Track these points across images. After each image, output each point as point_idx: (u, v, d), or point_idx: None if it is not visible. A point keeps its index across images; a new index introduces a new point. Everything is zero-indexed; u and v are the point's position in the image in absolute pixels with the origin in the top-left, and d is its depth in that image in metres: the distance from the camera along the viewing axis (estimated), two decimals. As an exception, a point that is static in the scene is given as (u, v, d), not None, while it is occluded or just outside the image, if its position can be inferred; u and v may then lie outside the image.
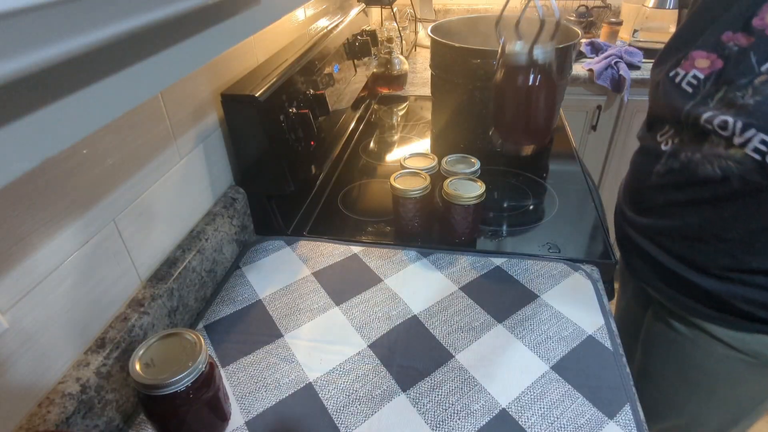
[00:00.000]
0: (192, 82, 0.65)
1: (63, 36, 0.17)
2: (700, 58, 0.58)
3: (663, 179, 0.64)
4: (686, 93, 0.59)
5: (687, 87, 0.59)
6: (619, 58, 1.56)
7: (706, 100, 0.56)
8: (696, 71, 0.58)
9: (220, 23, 0.30)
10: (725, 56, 0.55)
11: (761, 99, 0.51)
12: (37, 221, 0.42)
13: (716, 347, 0.66)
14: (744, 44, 0.53)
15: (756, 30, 0.53)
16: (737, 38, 0.54)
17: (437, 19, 1.82)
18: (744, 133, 0.52)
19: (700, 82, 0.57)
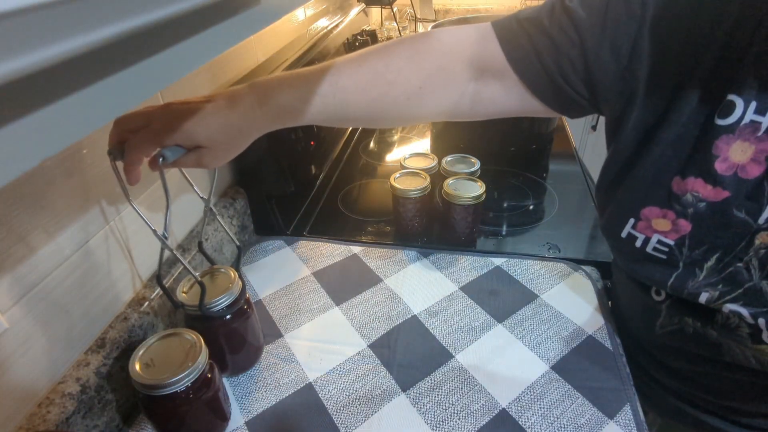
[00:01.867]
0: (192, 82, 0.65)
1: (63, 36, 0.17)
2: (655, 217, 0.43)
3: (675, 342, 0.49)
4: (660, 260, 0.44)
5: (658, 254, 0.44)
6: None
7: (693, 269, 0.43)
8: (659, 236, 0.43)
9: (220, 23, 0.30)
10: (689, 215, 0.41)
11: None
12: (37, 221, 0.42)
13: None
14: (715, 199, 0.39)
15: (725, 178, 0.38)
16: (698, 190, 0.40)
17: (437, 19, 1.82)
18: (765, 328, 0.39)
19: (672, 249, 0.43)
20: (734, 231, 0.39)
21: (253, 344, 0.55)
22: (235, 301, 0.51)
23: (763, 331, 0.40)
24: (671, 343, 0.50)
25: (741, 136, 0.37)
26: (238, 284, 0.52)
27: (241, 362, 0.55)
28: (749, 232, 0.38)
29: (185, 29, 0.27)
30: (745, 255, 0.39)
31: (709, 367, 0.48)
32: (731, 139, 0.37)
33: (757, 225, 0.38)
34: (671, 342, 0.50)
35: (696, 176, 0.39)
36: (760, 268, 0.38)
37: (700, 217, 0.40)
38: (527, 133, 1.01)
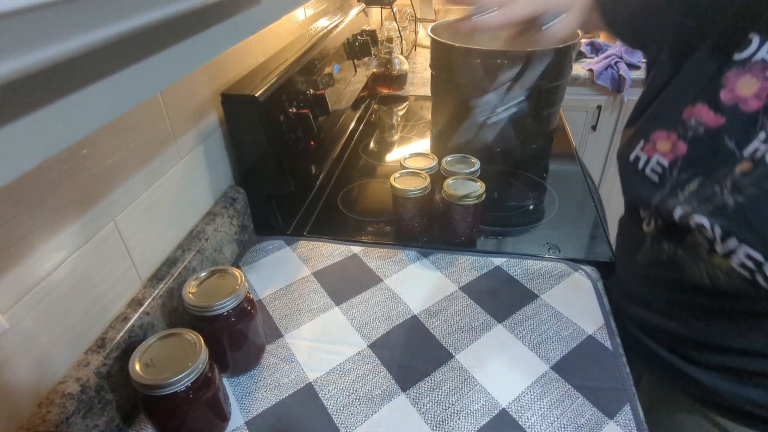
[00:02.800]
0: (192, 82, 0.65)
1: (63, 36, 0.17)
2: (660, 139, 0.48)
3: (650, 270, 0.55)
4: (652, 182, 0.49)
5: (652, 175, 0.49)
6: (619, 57, 1.56)
7: (676, 191, 0.47)
8: (659, 156, 0.48)
9: (220, 23, 0.30)
10: (688, 138, 0.46)
11: (744, 201, 0.41)
12: (37, 221, 0.42)
13: None
14: (713, 125, 0.43)
15: (726, 107, 0.42)
16: (701, 115, 0.44)
17: (437, 19, 1.82)
18: (726, 242, 0.42)
19: (665, 170, 0.48)
20: (720, 158, 0.43)
21: (255, 345, 0.55)
22: (241, 303, 0.51)
23: (716, 240, 0.43)
24: (647, 272, 0.56)
25: (750, 71, 0.41)
26: (244, 286, 0.52)
27: (243, 363, 0.55)
28: (733, 162, 0.42)
29: (185, 29, 0.27)
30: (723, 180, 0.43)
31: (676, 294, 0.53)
32: (741, 72, 0.41)
33: (741, 155, 0.42)
34: (647, 271, 0.56)
35: (703, 103, 0.44)
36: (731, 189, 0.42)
37: (697, 141, 0.45)
38: (527, 133, 1.01)
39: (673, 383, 0.59)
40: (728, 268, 0.43)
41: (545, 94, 0.96)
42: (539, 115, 0.99)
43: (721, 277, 0.45)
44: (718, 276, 0.45)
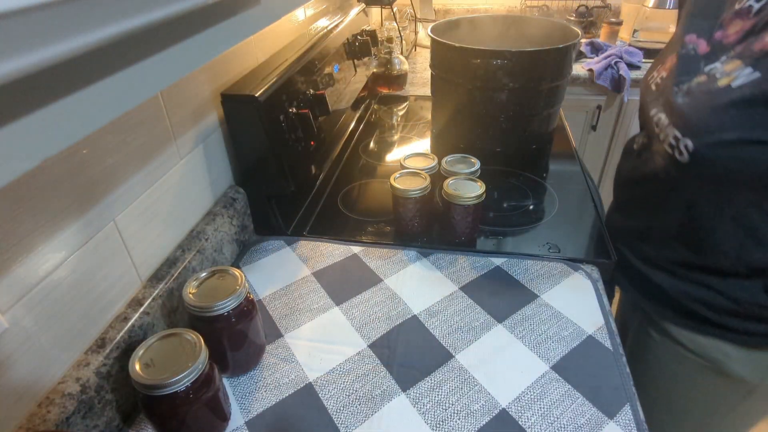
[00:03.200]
0: (192, 82, 0.65)
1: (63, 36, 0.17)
2: (669, 60, 0.61)
3: (625, 177, 0.70)
4: (651, 92, 0.62)
5: (653, 86, 0.62)
6: (619, 58, 1.56)
7: (659, 99, 0.59)
8: (663, 72, 0.61)
9: (220, 23, 0.30)
10: (681, 54, 0.58)
11: (688, 100, 0.52)
12: (37, 221, 0.42)
13: (677, 349, 0.67)
14: (701, 52, 0.56)
15: (715, 41, 0.54)
16: (698, 43, 0.57)
17: (437, 19, 1.82)
18: (666, 129, 0.55)
19: (662, 80, 0.60)
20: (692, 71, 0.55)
21: (255, 345, 0.55)
22: (241, 303, 0.51)
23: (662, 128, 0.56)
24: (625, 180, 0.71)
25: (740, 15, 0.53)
26: (245, 286, 0.52)
27: (243, 363, 0.55)
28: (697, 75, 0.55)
29: (185, 29, 0.27)
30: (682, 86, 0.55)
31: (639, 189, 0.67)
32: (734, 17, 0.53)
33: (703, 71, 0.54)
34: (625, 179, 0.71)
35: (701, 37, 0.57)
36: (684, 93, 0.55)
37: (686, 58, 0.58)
38: (527, 133, 1.01)
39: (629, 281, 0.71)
40: (662, 150, 0.57)
41: (545, 94, 0.96)
42: (539, 115, 0.99)
43: (658, 160, 0.59)
44: (657, 159, 0.59)
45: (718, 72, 0.51)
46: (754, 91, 0.46)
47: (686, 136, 0.52)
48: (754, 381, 0.63)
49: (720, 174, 0.51)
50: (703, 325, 0.62)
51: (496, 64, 0.90)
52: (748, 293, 0.57)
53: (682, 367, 0.68)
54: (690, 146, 0.51)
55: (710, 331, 0.62)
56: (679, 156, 0.53)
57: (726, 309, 0.60)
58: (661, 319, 0.68)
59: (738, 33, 0.52)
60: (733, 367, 0.62)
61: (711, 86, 0.51)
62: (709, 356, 0.64)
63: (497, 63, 0.90)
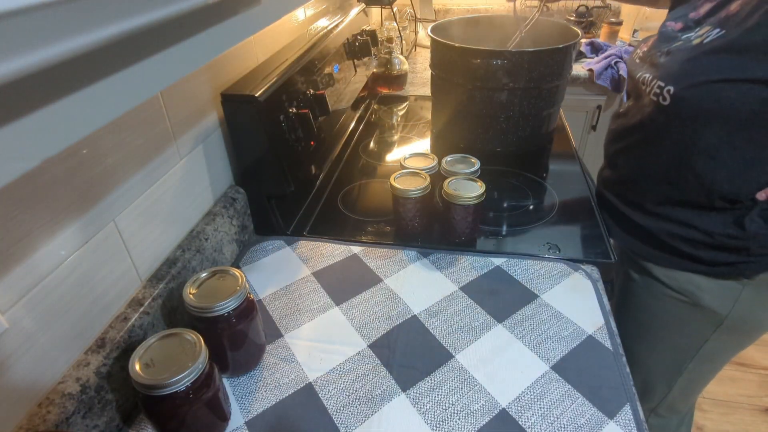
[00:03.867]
0: (192, 82, 0.65)
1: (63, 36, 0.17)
2: (652, 40, 0.74)
3: (613, 134, 0.80)
4: (636, 63, 0.74)
5: (637, 60, 0.74)
6: (619, 58, 1.56)
7: (644, 65, 0.71)
8: (645, 48, 0.74)
9: (220, 23, 0.30)
10: (661, 32, 0.72)
11: (669, 59, 0.65)
12: (37, 221, 0.42)
13: (657, 287, 0.76)
14: (677, 28, 0.69)
15: (688, 19, 0.68)
16: (675, 25, 0.70)
17: (437, 19, 1.82)
18: (651, 83, 0.66)
19: (645, 54, 0.73)
20: (670, 41, 0.68)
21: (255, 345, 0.55)
22: (241, 304, 0.51)
23: (647, 83, 0.67)
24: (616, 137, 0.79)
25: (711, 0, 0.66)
26: (245, 287, 0.52)
27: (243, 363, 0.55)
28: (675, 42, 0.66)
29: (185, 29, 0.27)
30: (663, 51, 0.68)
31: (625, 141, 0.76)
32: (704, 1, 0.68)
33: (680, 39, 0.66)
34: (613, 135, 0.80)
35: (677, 20, 0.70)
36: (665, 54, 0.67)
37: (664, 35, 0.71)
38: (527, 133, 1.01)
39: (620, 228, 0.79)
40: (649, 100, 0.67)
41: (545, 94, 0.96)
42: (539, 115, 0.99)
43: (645, 111, 0.69)
44: (644, 111, 0.69)
45: (693, 37, 0.64)
46: (721, 42, 0.59)
47: (669, 84, 0.63)
48: (723, 312, 0.72)
49: (696, 111, 0.62)
50: (679, 259, 0.72)
51: (496, 64, 0.90)
52: (720, 225, 0.66)
53: (660, 302, 0.77)
54: (671, 90, 0.62)
55: (685, 265, 0.71)
56: (663, 101, 0.64)
57: (700, 241, 0.69)
58: (643, 259, 0.77)
59: (707, 10, 0.66)
60: (704, 297, 0.72)
61: (687, 45, 0.64)
62: (683, 289, 0.73)
63: (497, 63, 0.90)
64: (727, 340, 0.76)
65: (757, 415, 1.43)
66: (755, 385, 1.52)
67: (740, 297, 0.70)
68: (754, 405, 1.46)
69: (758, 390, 1.50)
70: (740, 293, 0.70)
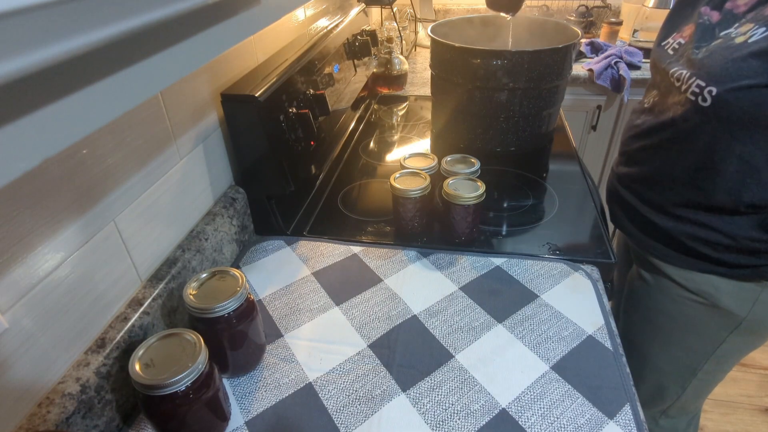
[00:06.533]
0: (192, 82, 0.65)
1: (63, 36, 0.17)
2: (687, 29, 0.69)
3: (639, 129, 0.75)
4: (668, 55, 0.70)
5: (670, 51, 0.70)
6: (619, 58, 1.56)
7: (678, 59, 0.68)
8: (681, 39, 0.70)
9: (220, 23, 0.30)
10: (698, 23, 0.67)
11: (707, 55, 0.62)
12: (37, 221, 0.42)
13: (673, 289, 0.74)
14: (714, 20, 0.65)
15: (726, 10, 0.64)
16: (712, 14, 0.66)
17: (437, 19, 1.82)
18: (688, 81, 0.63)
19: (681, 46, 0.69)
20: (708, 37, 0.64)
21: (255, 345, 0.55)
22: (242, 304, 0.51)
23: (684, 81, 0.64)
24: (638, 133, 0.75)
25: None
26: (245, 287, 0.52)
27: (243, 363, 0.55)
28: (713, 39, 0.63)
29: (185, 29, 0.27)
30: (702, 48, 0.64)
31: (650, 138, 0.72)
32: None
33: (719, 36, 0.63)
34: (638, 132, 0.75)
35: (714, 9, 0.65)
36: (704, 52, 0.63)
37: (702, 28, 0.66)
38: (527, 133, 1.01)
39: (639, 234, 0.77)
40: (684, 99, 0.64)
41: (545, 94, 0.96)
42: (539, 115, 0.99)
43: (679, 108, 0.65)
44: (678, 109, 0.66)
45: (733, 34, 0.60)
46: None
47: (710, 84, 0.59)
48: (741, 314, 0.71)
49: (737, 115, 0.59)
50: (700, 261, 0.70)
51: (496, 64, 0.90)
52: (744, 229, 0.65)
53: (675, 304, 0.75)
54: (714, 92, 0.59)
55: (706, 267, 0.70)
56: (702, 102, 0.61)
57: (723, 245, 0.67)
58: (659, 259, 0.75)
59: (747, 4, 0.62)
60: (722, 299, 0.70)
61: (729, 44, 0.60)
62: (702, 291, 0.71)
63: (497, 63, 0.90)
64: (741, 341, 0.75)
65: (757, 415, 1.43)
66: (755, 385, 1.52)
67: (759, 298, 0.69)
68: (754, 405, 1.46)
69: (758, 390, 1.50)
70: (759, 295, 0.69)
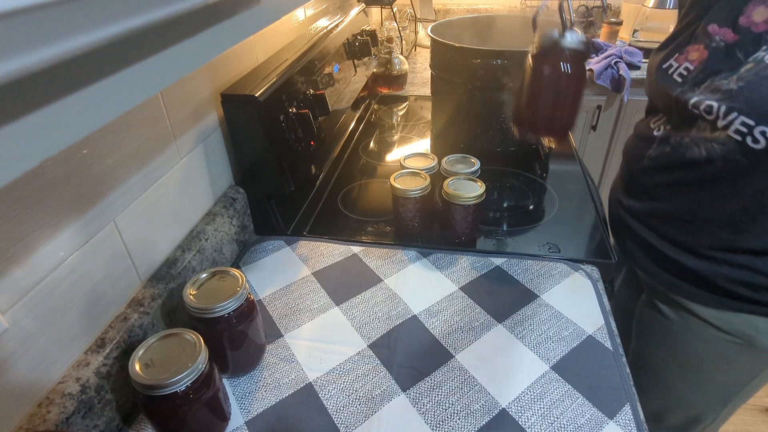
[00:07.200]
0: (192, 82, 0.65)
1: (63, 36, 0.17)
2: (693, 51, 0.62)
3: (654, 162, 0.67)
4: (676, 82, 0.63)
5: (677, 77, 0.63)
6: (619, 58, 1.56)
7: (693, 87, 0.60)
8: (688, 63, 0.62)
9: (220, 23, 0.30)
10: (711, 47, 0.59)
11: (744, 84, 0.54)
12: (37, 221, 0.42)
13: (704, 329, 0.68)
14: (730, 40, 0.57)
15: (742, 27, 0.57)
16: (724, 33, 0.58)
17: (437, 19, 1.82)
18: (727, 116, 0.55)
19: (689, 72, 0.62)
20: (730, 64, 0.57)
21: (255, 345, 0.55)
22: (242, 304, 0.51)
23: (719, 117, 0.56)
24: (653, 165, 0.68)
25: (764, 2, 0.55)
26: (245, 287, 0.52)
27: (243, 363, 0.55)
28: (740, 66, 0.56)
29: (185, 29, 0.27)
30: (729, 77, 0.56)
31: (674, 174, 0.65)
32: (758, 4, 0.55)
33: (746, 61, 0.56)
34: (653, 164, 0.68)
35: (727, 27, 0.58)
36: (736, 80, 0.56)
37: (716, 51, 0.59)
38: (527, 133, 1.01)
39: (661, 273, 0.71)
40: (724, 137, 0.56)
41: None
42: (539, 115, 0.99)
43: (716, 147, 0.57)
44: (714, 147, 0.58)
45: (767, 58, 0.53)
46: None
47: (762, 123, 0.52)
48: None
49: None
50: (735, 302, 0.64)
51: (496, 64, 0.90)
52: None
53: (707, 345, 0.69)
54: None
55: (743, 307, 0.64)
56: (754, 143, 0.53)
57: (763, 286, 0.61)
58: (687, 299, 0.68)
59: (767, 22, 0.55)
60: (762, 339, 0.65)
61: None
62: (738, 331, 0.66)
63: (497, 63, 0.90)
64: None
65: (757, 415, 1.43)
66: (755, 385, 1.52)
67: None
68: (754, 405, 1.46)
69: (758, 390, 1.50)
70: None
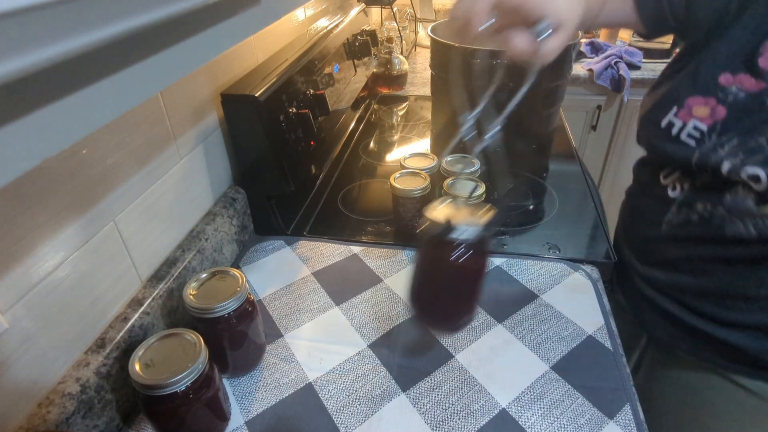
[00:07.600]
0: (192, 82, 0.65)
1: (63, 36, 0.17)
2: (697, 105, 0.52)
3: (679, 231, 0.57)
4: (689, 146, 0.52)
5: (688, 140, 0.52)
6: (619, 58, 1.56)
7: (716, 148, 0.50)
8: (696, 121, 0.52)
9: (220, 23, 0.30)
10: (728, 102, 0.49)
11: None
12: (37, 221, 0.42)
13: (735, 393, 0.61)
14: (752, 89, 0.47)
15: (765, 72, 0.46)
16: (741, 81, 0.48)
17: (437, 19, 1.82)
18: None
19: (703, 134, 0.51)
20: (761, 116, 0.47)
21: (256, 345, 0.55)
22: (242, 304, 0.51)
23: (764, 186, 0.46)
24: (676, 233, 0.57)
25: None
26: (245, 287, 0.52)
27: (243, 363, 0.55)
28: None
29: (185, 29, 0.27)
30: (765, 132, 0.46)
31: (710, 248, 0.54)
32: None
33: None
34: (676, 232, 0.57)
35: (745, 72, 0.48)
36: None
37: (737, 105, 0.48)
38: (527, 133, 1.01)
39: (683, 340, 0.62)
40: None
41: (545, 94, 0.96)
42: (539, 115, 0.99)
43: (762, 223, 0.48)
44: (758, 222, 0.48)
45: None
46: None
47: None
48: None
49: None
50: None
51: (496, 64, 0.90)
52: None
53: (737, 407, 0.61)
54: None
55: None
56: None
57: None
58: (719, 367, 0.61)
59: None
60: None
61: None
62: None
63: (497, 63, 0.90)
64: None
65: (757, 415, 1.43)
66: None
67: None
68: (754, 405, 1.45)
69: None
70: None
